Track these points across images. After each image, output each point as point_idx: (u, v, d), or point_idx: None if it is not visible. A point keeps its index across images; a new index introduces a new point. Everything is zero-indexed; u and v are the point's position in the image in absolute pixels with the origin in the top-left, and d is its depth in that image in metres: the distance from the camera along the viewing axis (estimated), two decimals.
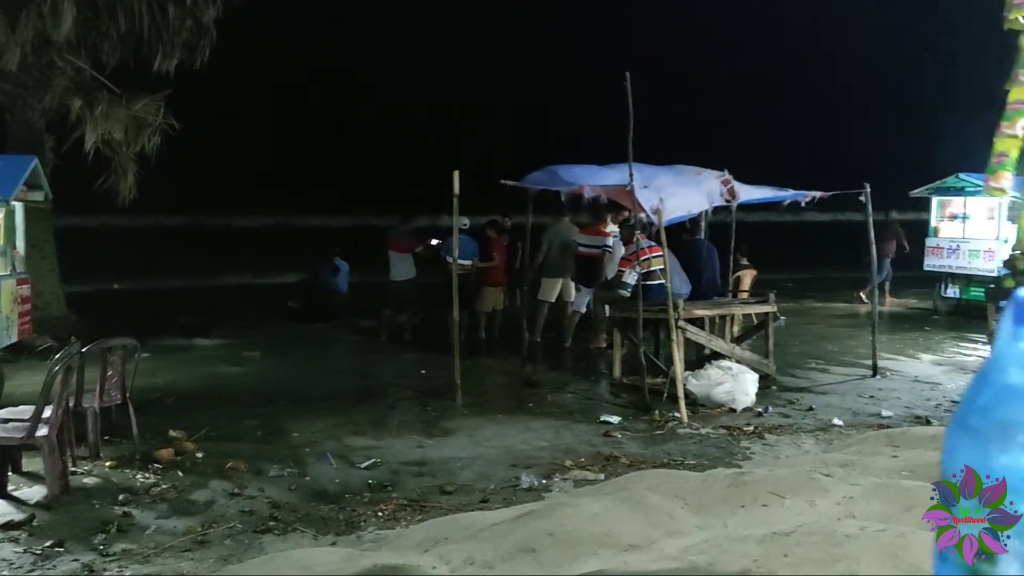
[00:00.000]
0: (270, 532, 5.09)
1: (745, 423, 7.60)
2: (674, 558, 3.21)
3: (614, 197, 8.76)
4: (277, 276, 16.91)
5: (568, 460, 6.45)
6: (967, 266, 14.39)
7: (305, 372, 10.24)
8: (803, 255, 20.43)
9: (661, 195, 8.54)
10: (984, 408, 0.53)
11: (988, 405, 0.53)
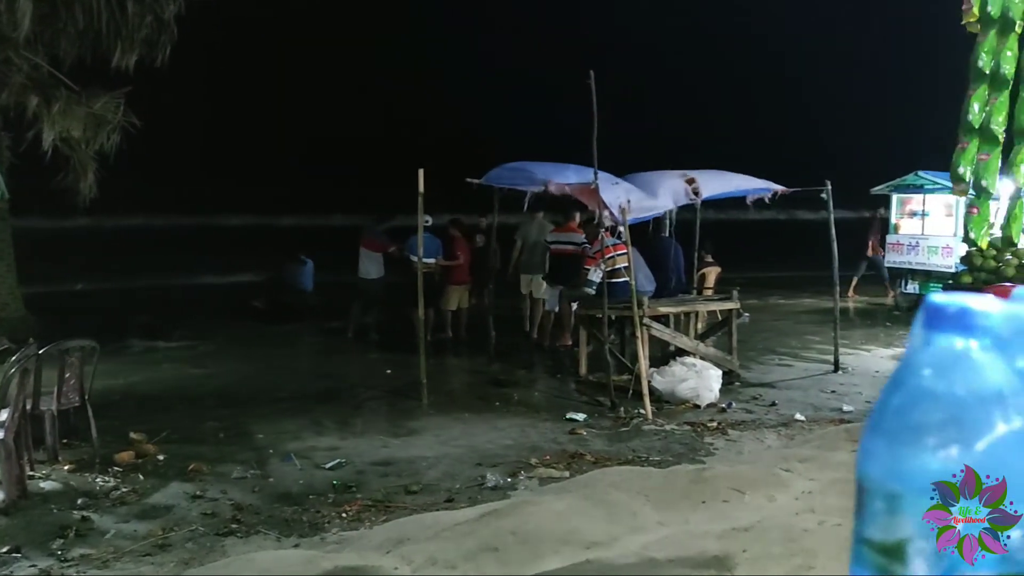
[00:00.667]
0: (232, 535, 5.04)
1: (709, 419, 7.67)
2: (636, 554, 3.23)
3: (579, 195, 8.78)
4: (242, 275, 16.76)
5: (534, 458, 6.46)
6: (926, 262, 14.62)
7: (270, 372, 10.15)
8: (767, 253, 20.65)
9: (626, 194, 8.61)
10: (897, 411, 0.55)
11: (900, 408, 0.54)
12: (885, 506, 0.52)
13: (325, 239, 15.14)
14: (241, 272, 16.95)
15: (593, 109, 7.95)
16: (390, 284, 12.09)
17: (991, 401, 0.51)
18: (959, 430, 0.51)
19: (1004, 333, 0.52)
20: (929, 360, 0.53)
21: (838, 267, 10.17)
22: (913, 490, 0.51)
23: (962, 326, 0.53)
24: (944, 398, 0.52)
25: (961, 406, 0.51)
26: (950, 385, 0.52)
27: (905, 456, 0.52)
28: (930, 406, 0.52)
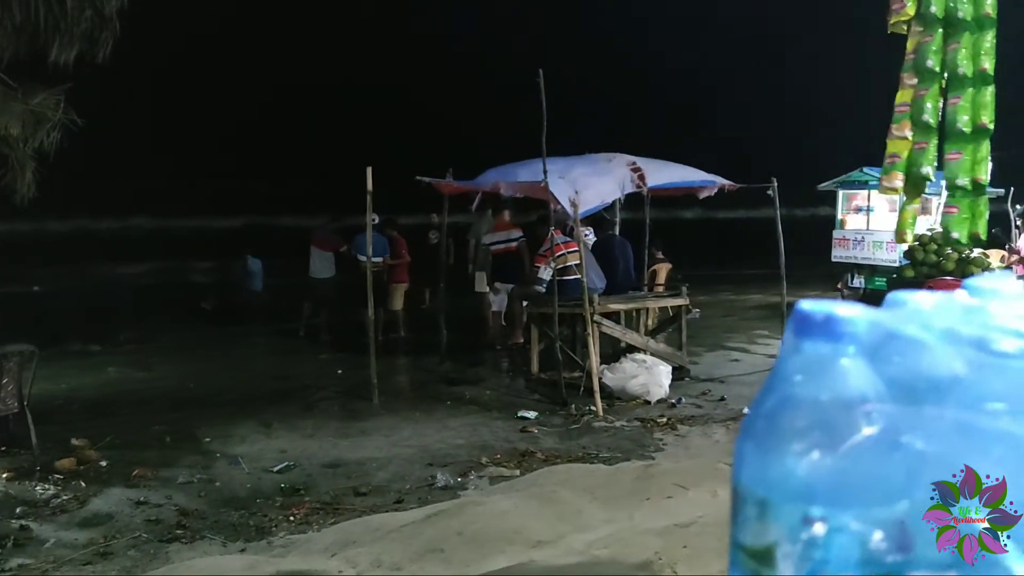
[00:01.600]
0: (177, 541, 4.96)
1: (659, 415, 7.74)
2: (580, 553, 3.25)
3: (530, 193, 8.80)
4: (190, 276, 16.49)
5: (484, 457, 6.46)
6: (871, 257, 14.91)
7: (219, 374, 10.01)
8: (718, 250, 20.89)
9: (576, 187, 8.62)
10: (766, 417, 0.55)
11: (770, 414, 0.55)
12: (756, 511, 0.53)
13: (273, 239, 14.95)
14: (189, 273, 16.68)
15: (542, 108, 7.97)
16: (340, 284, 12.03)
17: (855, 406, 0.52)
18: (823, 435, 0.52)
19: (870, 340, 0.53)
20: (797, 366, 0.54)
21: (784, 263, 10.33)
22: (780, 496, 0.52)
23: (829, 333, 0.54)
24: (810, 404, 0.53)
25: (826, 412, 0.52)
26: (816, 391, 0.53)
27: (773, 462, 0.53)
28: (797, 412, 0.53)
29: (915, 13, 5.78)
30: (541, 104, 8.00)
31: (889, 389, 0.52)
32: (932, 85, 5.74)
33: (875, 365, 0.53)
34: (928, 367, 0.51)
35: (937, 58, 5.67)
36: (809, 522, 0.51)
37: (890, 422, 0.51)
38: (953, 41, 5.53)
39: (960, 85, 5.55)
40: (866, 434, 0.51)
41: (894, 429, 0.50)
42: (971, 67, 5.49)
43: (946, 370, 0.51)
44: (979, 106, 5.52)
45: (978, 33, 5.44)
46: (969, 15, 5.49)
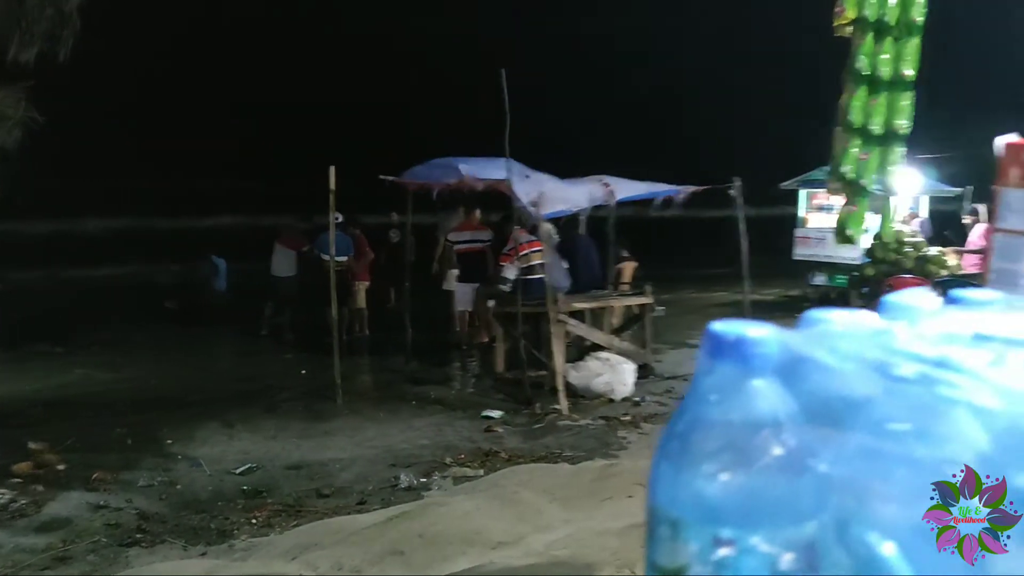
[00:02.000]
0: (137, 545, 4.91)
1: (623, 413, 7.79)
2: (539, 554, 3.27)
3: (496, 187, 8.77)
4: (154, 276, 16.23)
5: (448, 457, 6.46)
6: (833, 255, 15.10)
7: (182, 375, 9.89)
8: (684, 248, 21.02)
9: (540, 189, 8.66)
10: (680, 437, 0.57)
11: (683, 434, 0.57)
12: (668, 532, 0.54)
13: (238, 239, 14.78)
14: (155, 273, 16.43)
15: (505, 107, 7.97)
16: (303, 282, 11.98)
17: (765, 428, 0.54)
18: (733, 457, 0.53)
19: (780, 362, 0.55)
20: (710, 387, 0.56)
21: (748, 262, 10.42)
22: (692, 517, 0.53)
23: (740, 355, 0.55)
24: (721, 425, 0.55)
25: (736, 433, 0.54)
26: (727, 412, 0.55)
27: (685, 483, 0.54)
28: (708, 433, 0.54)
29: (854, 17, 5.89)
30: (504, 103, 8.00)
31: (798, 411, 0.53)
32: (859, 87, 5.85)
33: (786, 387, 0.54)
34: (835, 391, 0.53)
35: (866, 62, 5.78)
36: (719, 544, 0.52)
37: (798, 444, 0.52)
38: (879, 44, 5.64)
39: (878, 88, 5.66)
40: (775, 456, 0.52)
41: (802, 451, 0.52)
42: (891, 71, 5.61)
43: (851, 394, 0.52)
44: (895, 110, 5.63)
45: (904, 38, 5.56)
46: (894, 20, 5.59)
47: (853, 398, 0.52)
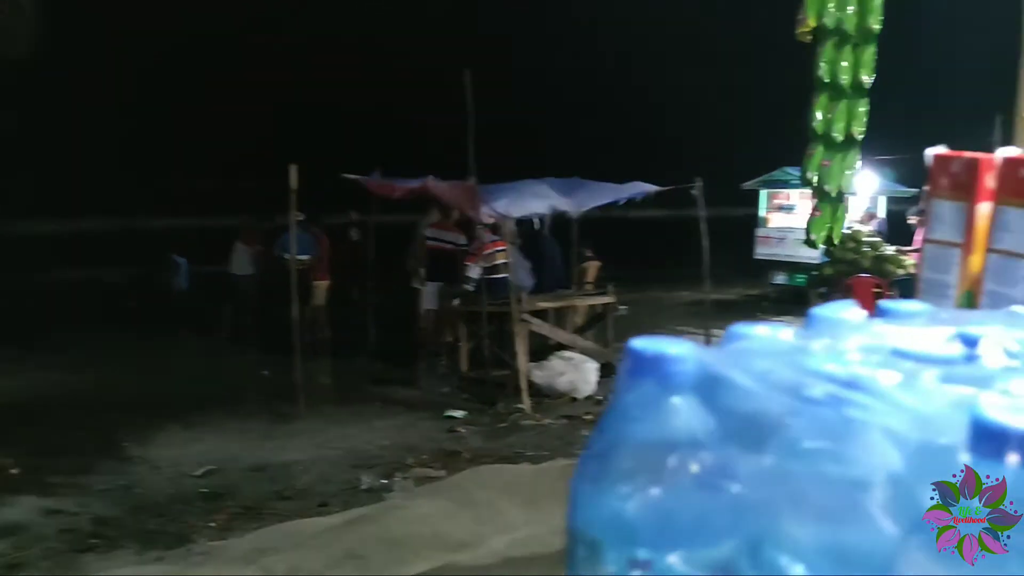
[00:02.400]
0: (92, 550, 4.83)
1: (585, 412, 7.81)
2: (498, 555, 3.27)
3: (455, 195, 8.73)
4: (114, 276, 15.96)
5: (411, 458, 6.44)
6: (793, 254, 15.28)
7: (142, 377, 9.71)
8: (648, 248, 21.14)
9: (504, 196, 8.69)
10: (599, 456, 0.57)
11: (601, 453, 0.57)
12: (587, 553, 0.54)
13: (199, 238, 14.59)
14: (113, 273, 16.15)
15: (468, 107, 7.96)
16: (262, 281, 11.91)
17: (682, 448, 0.54)
18: (650, 477, 0.54)
19: (699, 380, 0.55)
20: (628, 406, 0.56)
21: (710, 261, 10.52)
22: (609, 537, 0.53)
23: (659, 373, 0.56)
24: (638, 445, 0.55)
25: (653, 453, 0.54)
26: (645, 432, 0.55)
27: (603, 503, 0.54)
28: (626, 452, 0.54)
29: (815, 25, 5.98)
30: (467, 103, 7.99)
31: (716, 430, 0.54)
32: (821, 94, 5.95)
33: (704, 406, 0.54)
34: (750, 411, 0.53)
35: (827, 69, 5.88)
36: (635, 565, 0.52)
37: (714, 464, 0.52)
38: (839, 53, 5.74)
39: (838, 95, 5.77)
40: (691, 476, 0.53)
41: (718, 471, 0.52)
42: (849, 79, 5.71)
43: (765, 414, 0.52)
44: (853, 117, 5.74)
45: (861, 45, 5.66)
46: (853, 28, 5.69)
47: (767, 419, 0.53)
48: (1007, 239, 0.83)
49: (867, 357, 0.60)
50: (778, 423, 0.52)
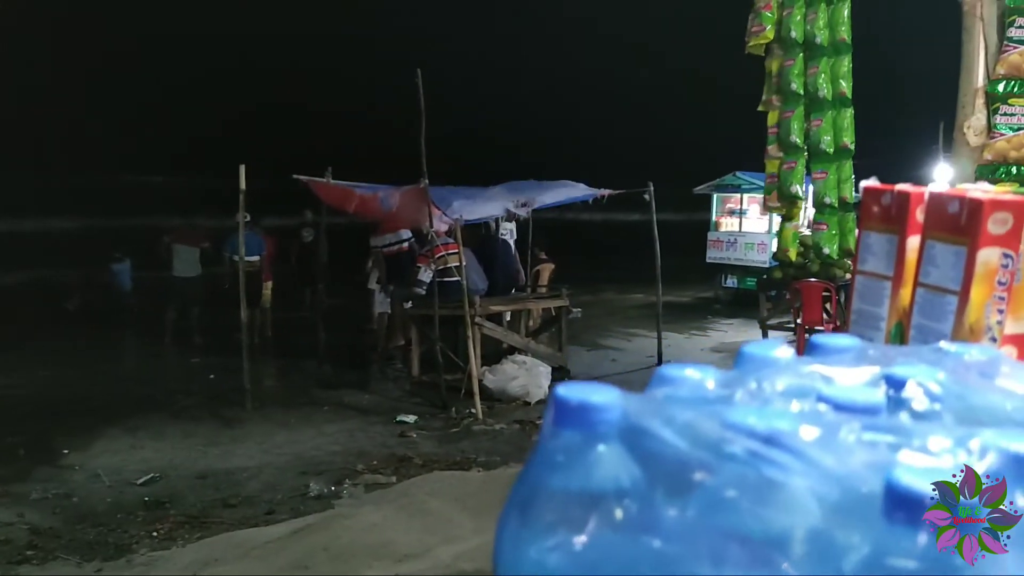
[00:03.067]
0: (27, 562, 4.68)
1: (538, 416, 7.80)
2: (446, 566, 3.24)
3: (406, 202, 8.65)
4: (54, 276, 15.57)
5: (360, 464, 6.36)
6: (744, 258, 15.50)
7: (83, 380, 9.48)
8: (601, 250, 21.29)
9: (456, 199, 8.67)
10: (521, 505, 0.55)
11: (524, 503, 0.55)
12: None
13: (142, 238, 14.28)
14: (53, 274, 15.75)
15: (421, 108, 7.90)
16: (207, 283, 11.75)
17: (604, 500, 0.52)
18: (572, 528, 0.52)
19: (624, 430, 0.53)
20: (552, 455, 0.54)
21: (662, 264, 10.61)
22: None
23: (583, 421, 0.54)
24: (560, 495, 0.53)
25: (575, 503, 0.52)
26: (567, 481, 0.53)
27: (524, 555, 0.52)
28: (548, 502, 0.53)
29: (775, 37, 6.02)
30: (420, 104, 7.92)
31: (639, 482, 0.52)
32: (796, 107, 6.00)
33: (629, 455, 0.53)
34: (671, 463, 0.51)
35: (799, 81, 5.93)
36: None
37: (637, 516, 0.51)
38: (812, 65, 5.79)
39: (821, 108, 5.82)
40: (613, 527, 0.51)
41: (640, 524, 0.51)
42: (830, 91, 5.77)
43: (687, 469, 0.51)
44: (840, 128, 5.80)
45: (835, 58, 5.73)
46: (826, 40, 5.75)
47: (688, 473, 0.51)
48: (934, 273, 0.82)
49: (792, 404, 0.59)
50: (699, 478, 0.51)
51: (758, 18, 5.95)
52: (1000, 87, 3.48)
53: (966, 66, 3.56)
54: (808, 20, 5.76)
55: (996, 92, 3.47)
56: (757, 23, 6.00)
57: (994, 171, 3.50)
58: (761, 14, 5.98)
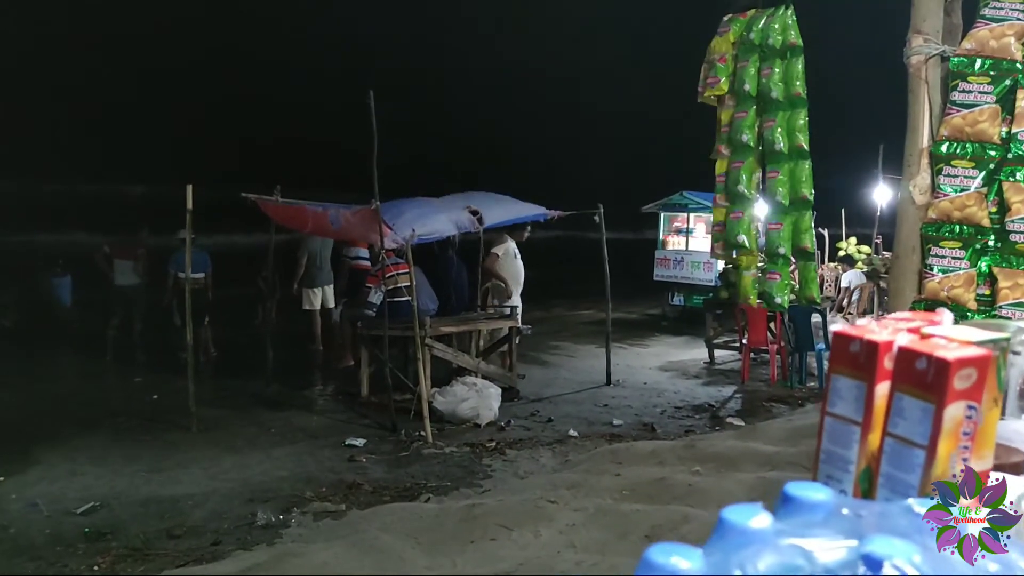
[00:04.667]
0: None
1: (488, 438, 7.80)
2: None
3: (356, 221, 8.58)
4: None
5: (309, 491, 6.28)
6: (690, 276, 15.74)
7: (17, 402, 9.18)
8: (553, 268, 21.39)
9: (409, 210, 8.63)
10: None
11: None
12: None
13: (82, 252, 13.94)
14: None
15: (373, 129, 7.86)
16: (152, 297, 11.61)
17: None
18: None
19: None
20: None
21: (611, 282, 10.71)
22: None
23: None
24: None
25: None
26: None
27: None
28: None
29: (728, 89, 6.12)
30: (372, 124, 7.88)
31: None
32: (747, 158, 6.10)
33: None
34: None
35: (751, 133, 6.03)
36: None
37: None
38: (768, 118, 5.88)
39: (777, 160, 5.91)
40: None
41: None
42: (787, 143, 5.87)
43: None
44: (797, 180, 5.90)
45: (790, 111, 5.83)
46: (781, 95, 5.86)
47: None
48: (902, 425, 0.86)
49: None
50: None
51: (713, 69, 6.05)
52: (944, 148, 3.61)
53: (912, 126, 3.68)
54: (763, 74, 5.86)
55: (940, 153, 3.59)
56: (712, 75, 6.10)
57: (938, 229, 3.63)
58: (716, 66, 6.08)
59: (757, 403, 9.52)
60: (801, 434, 6.72)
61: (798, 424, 7.49)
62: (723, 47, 6.09)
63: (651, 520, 4.16)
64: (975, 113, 3.55)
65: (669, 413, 9.08)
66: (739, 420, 8.65)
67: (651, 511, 4.35)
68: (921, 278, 3.67)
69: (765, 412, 9.06)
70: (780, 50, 5.79)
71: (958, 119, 3.57)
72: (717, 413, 9.06)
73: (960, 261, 3.56)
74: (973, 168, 3.59)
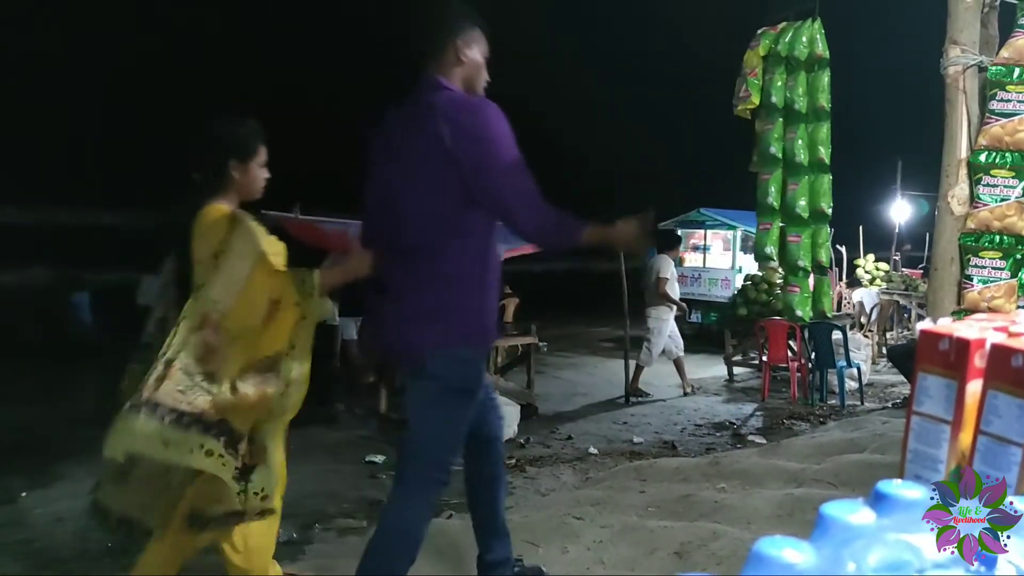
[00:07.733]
0: None
1: (508, 456, 7.76)
2: None
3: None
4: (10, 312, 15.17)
5: (331, 508, 6.28)
6: (707, 293, 15.70)
7: (42, 418, 9.24)
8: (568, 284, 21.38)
9: None
10: None
11: None
12: None
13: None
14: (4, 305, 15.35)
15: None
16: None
17: None
18: None
19: None
20: None
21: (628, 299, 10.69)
22: None
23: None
24: None
25: None
26: None
27: None
28: None
29: (759, 103, 6.14)
30: None
31: None
32: (774, 170, 6.11)
33: None
34: None
35: (779, 145, 6.03)
36: None
37: None
38: (791, 130, 5.89)
39: (797, 172, 5.91)
40: None
41: None
42: (807, 156, 5.87)
43: None
44: (816, 193, 5.89)
45: (814, 124, 5.83)
46: (804, 108, 5.87)
47: None
48: (996, 423, 0.85)
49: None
50: None
51: (745, 83, 6.08)
52: (982, 158, 3.59)
53: (949, 136, 3.67)
54: (788, 87, 5.88)
55: (979, 163, 3.58)
56: (744, 89, 6.12)
57: (978, 239, 3.61)
58: (748, 80, 6.10)
59: (778, 421, 9.46)
60: (825, 451, 6.67)
61: (822, 441, 7.43)
62: (754, 61, 6.12)
63: (679, 537, 4.13)
64: (1014, 122, 3.54)
65: (690, 431, 9.03)
66: (761, 438, 8.60)
67: (678, 528, 4.32)
68: (960, 289, 3.65)
69: (787, 430, 9.00)
70: (806, 62, 5.81)
71: (997, 128, 3.56)
72: (739, 431, 9.01)
73: (1001, 271, 3.53)
74: (1013, 177, 3.57)
